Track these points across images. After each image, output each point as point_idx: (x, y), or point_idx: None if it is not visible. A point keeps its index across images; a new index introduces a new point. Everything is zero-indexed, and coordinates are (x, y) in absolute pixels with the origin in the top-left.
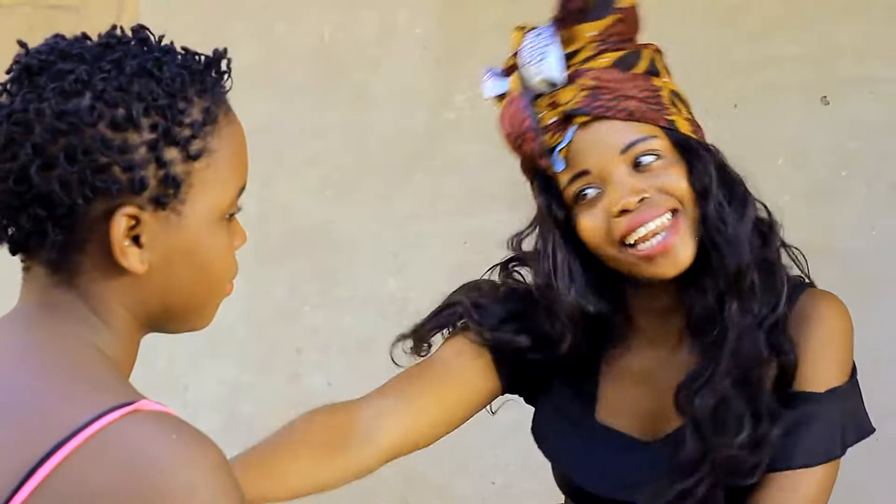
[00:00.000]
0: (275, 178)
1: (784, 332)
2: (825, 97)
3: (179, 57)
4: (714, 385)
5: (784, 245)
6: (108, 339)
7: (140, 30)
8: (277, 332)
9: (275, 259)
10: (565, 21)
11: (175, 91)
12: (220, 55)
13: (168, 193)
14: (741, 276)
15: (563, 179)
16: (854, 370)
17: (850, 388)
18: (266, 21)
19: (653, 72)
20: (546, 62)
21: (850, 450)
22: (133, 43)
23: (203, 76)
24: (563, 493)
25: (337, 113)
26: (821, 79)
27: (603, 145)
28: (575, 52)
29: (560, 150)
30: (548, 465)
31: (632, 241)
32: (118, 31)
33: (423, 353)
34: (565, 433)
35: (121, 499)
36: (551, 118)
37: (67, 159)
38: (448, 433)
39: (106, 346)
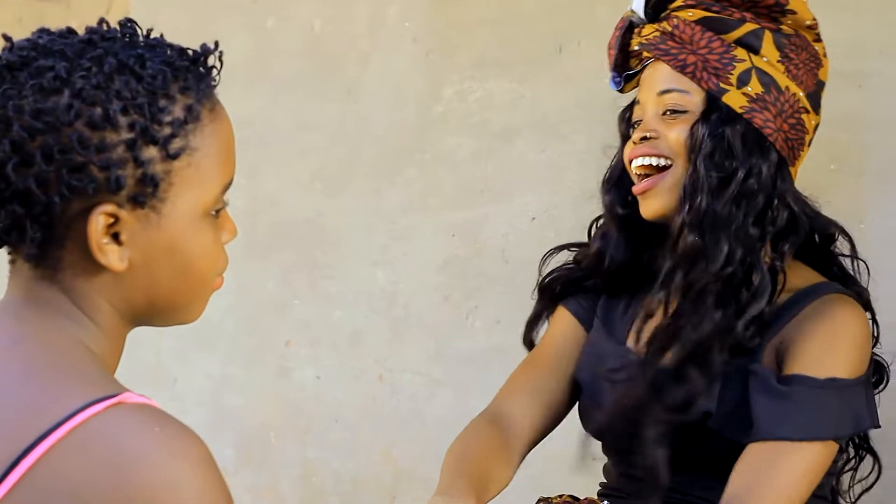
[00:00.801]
0: (265, 171)
1: (771, 323)
2: None
3: (166, 52)
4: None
5: (854, 255)
6: (93, 333)
7: (127, 24)
8: (266, 326)
9: (264, 252)
10: None
11: (156, 89)
12: (208, 51)
13: (146, 192)
14: (676, 238)
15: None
16: (868, 375)
17: (855, 385)
18: (256, 15)
19: (748, 45)
20: (637, 1)
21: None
22: (117, 38)
23: (187, 73)
24: (581, 411)
25: (327, 106)
26: None
27: (651, 83)
28: (671, 1)
29: (627, 74)
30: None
31: (633, 170)
32: (103, 26)
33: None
34: (595, 354)
35: (103, 492)
36: (635, 45)
37: (44, 158)
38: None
39: (90, 341)
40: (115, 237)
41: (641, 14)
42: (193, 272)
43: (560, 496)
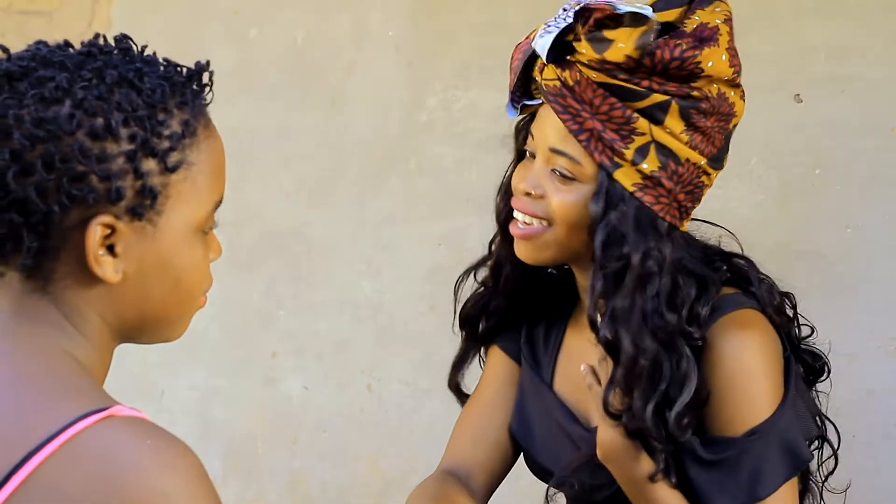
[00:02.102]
0: (249, 181)
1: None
2: (798, 96)
3: (161, 68)
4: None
5: (730, 255)
6: (82, 346)
7: (122, 39)
8: (252, 337)
9: (249, 263)
10: (583, 19)
11: (155, 102)
12: (202, 68)
13: (144, 204)
14: (596, 331)
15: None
16: (784, 396)
17: (773, 422)
18: (239, 25)
19: (651, 116)
20: (544, 39)
21: (829, 450)
22: (115, 52)
23: (184, 88)
24: (528, 466)
25: (311, 116)
26: (793, 78)
27: (546, 131)
28: (576, 51)
29: (523, 104)
30: (522, 467)
31: (514, 215)
32: (100, 40)
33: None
34: (525, 403)
35: None
36: (536, 76)
37: (45, 167)
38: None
39: (80, 354)
40: (110, 249)
41: (544, 56)
42: (184, 287)
43: None
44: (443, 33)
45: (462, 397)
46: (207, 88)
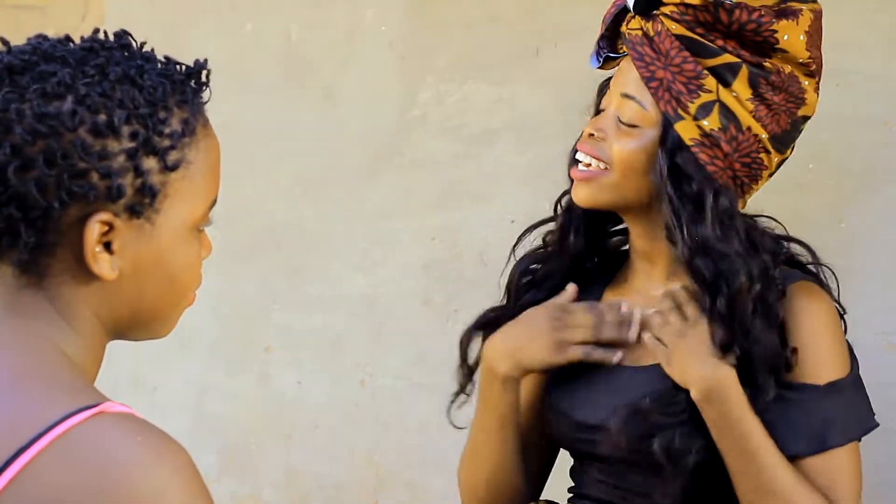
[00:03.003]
0: (243, 176)
1: (775, 314)
2: None
3: (160, 65)
4: None
5: (789, 238)
6: (75, 343)
7: (122, 35)
8: (247, 331)
9: (243, 258)
10: None
11: (156, 100)
12: (201, 66)
13: (144, 202)
14: (692, 272)
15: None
16: (854, 364)
17: (850, 382)
18: (233, 20)
19: (720, 76)
20: None
21: None
22: (116, 48)
23: (183, 86)
24: (560, 438)
25: (305, 110)
26: None
27: (622, 79)
28: (663, 3)
29: (605, 57)
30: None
31: (576, 157)
32: (101, 35)
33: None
34: (560, 370)
35: (86, 501)
36: (623, 30)
37: (46, 162)
38: None
39: (72, 350)
40: (107, 246)
41: (631, 6)
42: (177, 285)
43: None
44: (437, 27)
45: (465, 368)
46: (205, 87)
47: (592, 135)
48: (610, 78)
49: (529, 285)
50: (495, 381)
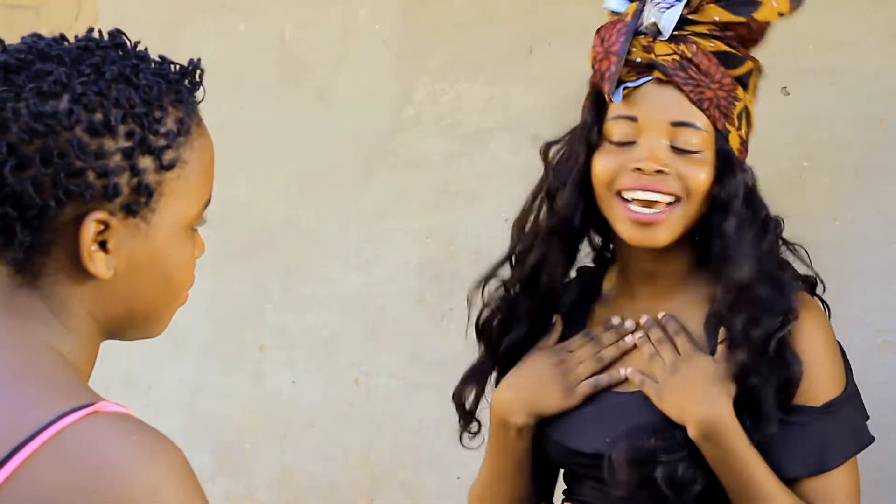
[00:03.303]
0: (238, 176)
1: (789, 345)
2: (785, 88)
3: (154, 65)
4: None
5: (786, 243)
6: (69, 342)
7: (117, 34)
8: (241, 331)
9: (238, 257)
10: None
11: (152, 99)
12: (196, 66)
13: (139, 201)
14: (747, 291)
15: (613, 113)
16: (849, 377)
17: (846, 399)
18: (227, 20)
19: (743, 83)
20: (668, 14)
21: None
22: (110, 48)
23: (178, 86)
24: (557, 462)
25: (299, 110)
26: (781, 69)
27: (662, 107)
28: (693, 22)
29: (626, 87)
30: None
31: (629, 198)
32: (96, 34)
33: (474, 431)
34: None
35: (81, 501)
36: (638, 57)
37: (42, 161)
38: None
39: (66, 350)
40: (102, 245)
41: (668, 32)
42: (172, 284)
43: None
44: (431, 26)
45: (465, 416)
46: (199, 86)
47: (661, 171)
48: (595, 112)
49: (505, 326)
50: (510, 431)
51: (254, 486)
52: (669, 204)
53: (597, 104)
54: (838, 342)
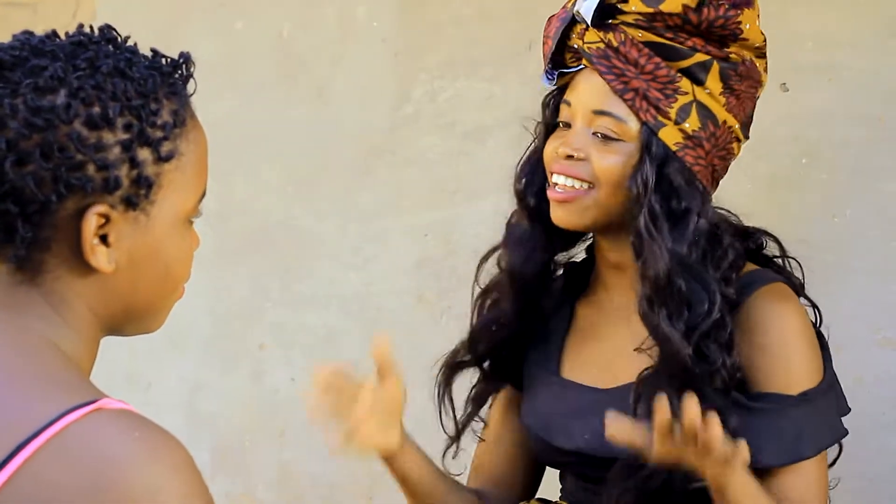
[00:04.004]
0: (235, 174)
1: (729, 333)
2: (784, 84)
3: (148, 58)
4: (655, 388)
5: (756, 231)
6: (70, 338)
7: (108, 30)
8: (240, 329)
9: (236, 255)
10: None
11: (147, 92)
12: (187, 58)
13: (139, 194)
14: (666, 286)
15: (562, 96)
16: (826, 367)
17: (822, 390)
18: (224, 18)
19: (693, 76)
20: (588, 3)
21: None
22: (103, 42)
23: (172, 78)
24: (542, 458)
25: (297, 108)
26: (780, 66)
27: (587, 95)
28: (621, 11)
29: (560, 72)
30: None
31: (552, 180)
32: (87, 30)
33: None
34: (534, 396)
35: (85, 498)
36: (574, 43)
37: (42, 156)
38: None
39: (67, 347)
40: (103, 239)
41: (588, 19)
42: (171, 277)
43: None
44: (429, 24)
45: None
46: (191, 78)
47: (571, 156)
48: (554, 91)
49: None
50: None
51: (253, 485)
52: (586, 190)
53: (556, 91)
54: (821, 333)
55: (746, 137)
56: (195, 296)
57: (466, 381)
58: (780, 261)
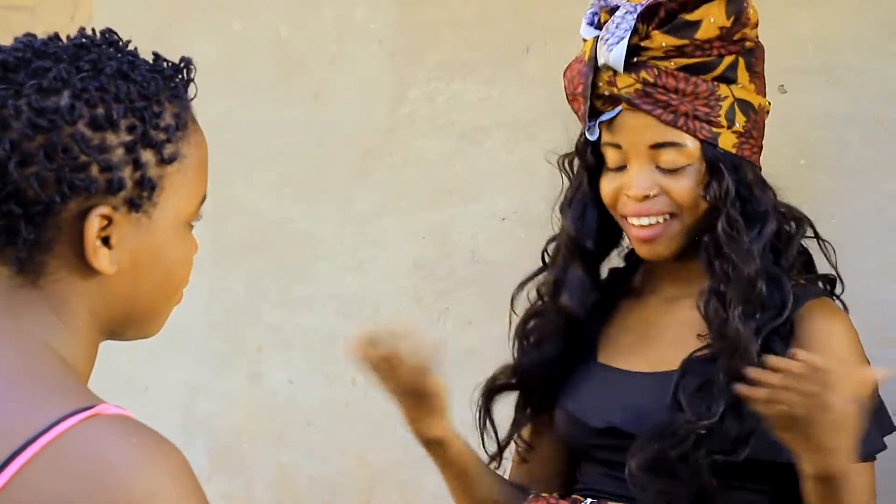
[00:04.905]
0: (233, 176)
1: (785, 337)
2: (782, 86)
3: (149, 61)
4: (712, 380)
5: (818, 238)
6: (69, 342)
7: (109, 33)
8: (237, 331)
9: (233, 257)
10: (648, 16)
11: (150, 94)
12: (188, 61)
13: (142, 196)
14: (748, 287)
15: (603, 139)
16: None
17: (875, 403)
18: (222, 19)
19: (727, 78)
20: (615, 50)
21: None
22: (105, 45)
23: (173, 81)
24: (572, 441)
25: (295, 110)
26: (778, 68)
27: (638, 134)
28: (646, 49)
29: (600, 122)
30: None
31: (631, 222)
32: (89, 32)
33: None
34: (573, 384)
35: None
36: (605, 90)
37: (46, 157)
38: None
39: (65, 351)
40: (105, 241)
41: (620, 69)
42: (172, 279)
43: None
44: (426, 25)
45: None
46: (191, 82)
47: (647, 196)
48: (589, 140)
49: (529, 344)
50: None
51: (251, 487)
52: (668, 220)
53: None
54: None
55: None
56: (192, 297)
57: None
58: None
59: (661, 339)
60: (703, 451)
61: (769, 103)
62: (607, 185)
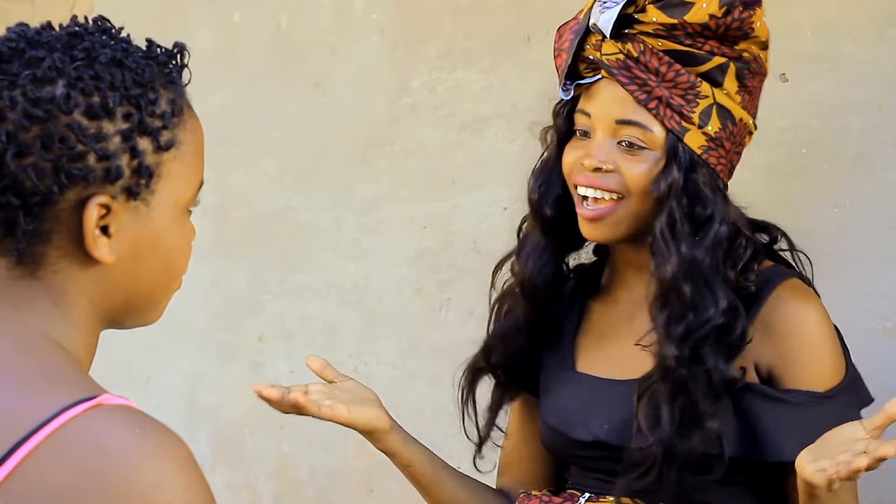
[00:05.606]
0: (233, 166)
1: (738, 337)
2: (784, 74)
3: (143, 48)
4: (656, 389)
5: (793, 250)
6: (69, 332)
7: (101, 21)
8: (239, 321)
9: (234, 247)
10: None
11: (145, 81)
12: (182, 47)
13: (140, 183)
14: (667, 287)
15: (578, 105)
16: (847, 364)
17: (849, 385)
18: (223, 9)
19: (712, 79)
20: (608, 13)
21: None
22: (98, 33)
23: (167, 67)
24: (559, 454)
25: (295, 100)
26: (779, 56)
27: (609, 104)
28: (640, 21)
29: (579, 84)
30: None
31: (580, 193)
32: (82, 21)
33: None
34: (552, 393)
35: (85, 495)
36: (590, 55)
37: (43, 147)
38: None
39: (66, 341)
40: (104, 230)
41: (607, 32)
42: (172, 267)
43: (538, 491)
44: (427, 15)
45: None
46: (185, 68)
47: (599, 168)
48: (567, 101)
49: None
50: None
51: (253, 476)
52: (616, 201)
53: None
54: (836, 327)
55: (755, 130)
56: (193, 288)
57: (487, 385)
58: (788, 255)
59: (631, 342)
60: (673, 472)
61: (755, 126)
62: (568, 154)
